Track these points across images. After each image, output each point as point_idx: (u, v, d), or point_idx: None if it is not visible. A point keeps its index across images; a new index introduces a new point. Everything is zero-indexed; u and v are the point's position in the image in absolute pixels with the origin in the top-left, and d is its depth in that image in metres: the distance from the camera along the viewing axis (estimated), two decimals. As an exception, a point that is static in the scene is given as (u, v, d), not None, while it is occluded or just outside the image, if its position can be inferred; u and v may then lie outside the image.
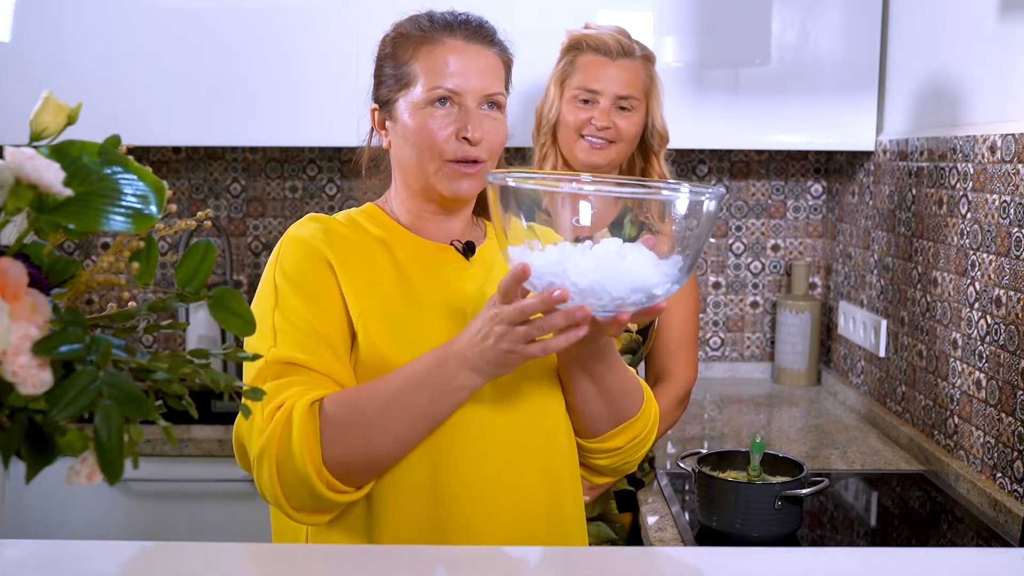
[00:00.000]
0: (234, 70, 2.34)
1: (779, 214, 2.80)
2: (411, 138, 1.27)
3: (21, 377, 0.65)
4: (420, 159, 1.27)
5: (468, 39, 1.28)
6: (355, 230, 1.31)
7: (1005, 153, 1.73)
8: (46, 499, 2.21)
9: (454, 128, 1.25)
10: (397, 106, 1.29)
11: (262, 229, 2.80)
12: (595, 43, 1.86)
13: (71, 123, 0.78)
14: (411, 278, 1.28)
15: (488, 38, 1.30)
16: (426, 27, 1.29)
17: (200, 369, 0.74)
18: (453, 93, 1.25)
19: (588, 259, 1.04)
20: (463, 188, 1.27)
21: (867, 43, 2.34)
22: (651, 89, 1.90)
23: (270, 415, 1.13)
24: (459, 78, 1.25)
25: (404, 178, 1.32)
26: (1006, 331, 1.73)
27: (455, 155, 1.25)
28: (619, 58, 1.85)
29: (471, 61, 1.27)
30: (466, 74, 1.26)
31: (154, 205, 0.71)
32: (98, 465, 0.67)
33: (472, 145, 1.25)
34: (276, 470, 1.12)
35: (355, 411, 1.15)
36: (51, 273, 0.74)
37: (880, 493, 1.96)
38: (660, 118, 1.92)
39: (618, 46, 1.85)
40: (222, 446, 2.20)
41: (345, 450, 1.14)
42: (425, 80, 1.26)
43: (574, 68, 1.87)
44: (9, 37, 2.33)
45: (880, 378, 2.34)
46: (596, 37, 1.86)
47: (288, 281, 1.23)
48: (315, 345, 1.19)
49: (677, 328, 1.95)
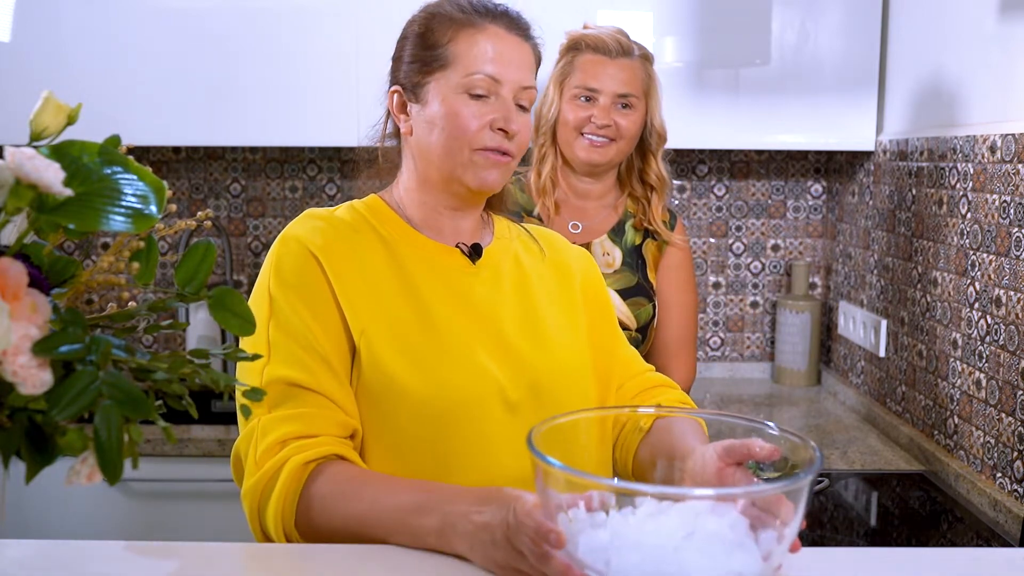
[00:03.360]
0: (234, 70, 2.34)
1: (779, 214, 2.80)
2: (441, 123, 1.20)
3: (21, 377, 0.65)
4: (449, 146, 1.21)
5: (509, 28, 1.23)
6: (356, 228, 1.24)
7: (1005, 153, 1.73)
8: (46, 499, 2.21)
9: (490, 118, 1.20)
10: (427, 90, 1.22)
11: (262, 229, 2.80)
12: (594, 43, 1.87)
13: (71, 123, 0.78)
14: (416, 286, 1.21)
15: (526, 31, 1.26)
16: (467, 9, 1.23)
17: (200, 369, 0.74)
18: (493, 81, 1.20)
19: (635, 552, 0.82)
20: (492, 178, 1.22)
21: (867, 43, 2.34)
22: (650, 88, 1.90)
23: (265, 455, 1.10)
24: (500, 65, 1.20)
25: (424, 167, 1.25)
26: (1006, 331, 1.73)
27: (487, 144, 1.20)
28: (618, 57, 1.86)
29: (512, 51, 1.22)
30: (507, 63, 1.21)
31: (154, 205, 0.71)
32: (98, 465, 0.67)
33: (507, 137, 1.21)
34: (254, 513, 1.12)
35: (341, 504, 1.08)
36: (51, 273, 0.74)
37: (880, 493, 1.96)
38: (659, 117, 1.92)
39: (617, 45, 1.86)
40: (222, 446, 2.20)
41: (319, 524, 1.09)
42: (464, 64, 1.20)
43: (573, 68, 1.88)
44: (9, 37, 2.33)
45: (880, 378, 2.34)
46: (595, 37, 1.87)
47: (284, 289, 1.16)
48: (313, 364, 1.13)
49: (676, 327, 1.95)
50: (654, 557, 0.80)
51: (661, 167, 1.94)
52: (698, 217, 2.79)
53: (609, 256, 1.87)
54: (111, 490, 2.19)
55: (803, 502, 0.83)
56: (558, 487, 0.85)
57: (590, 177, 1.92)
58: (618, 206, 1.95)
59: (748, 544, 0.82)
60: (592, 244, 1.87)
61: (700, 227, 2.80)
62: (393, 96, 1.28)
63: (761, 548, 0.82)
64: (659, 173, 1.94)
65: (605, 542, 0.83)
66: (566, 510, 0.86)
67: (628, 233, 1.91)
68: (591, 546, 0.83)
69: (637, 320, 1.82)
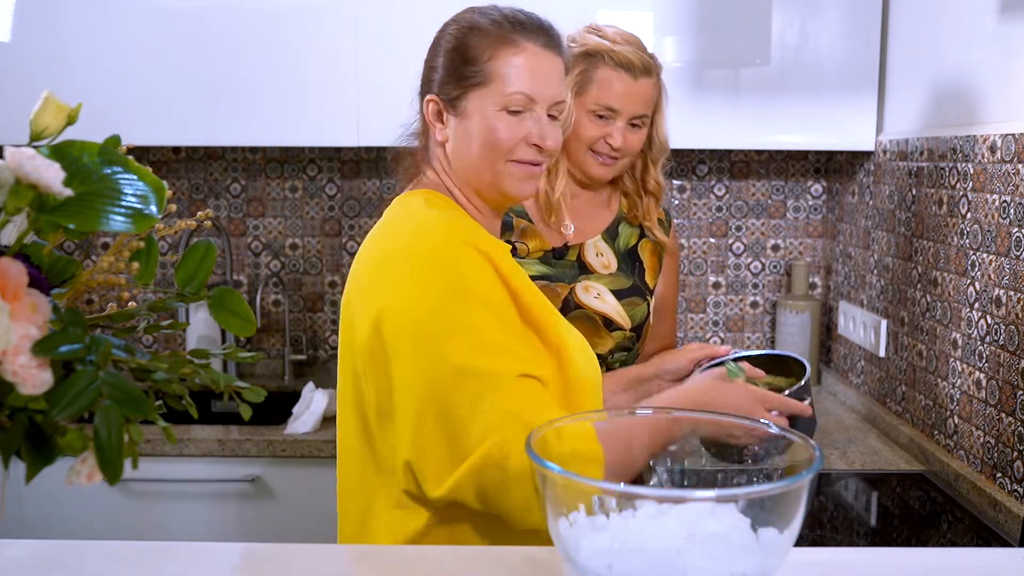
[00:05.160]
0: (234, 70, 2.34)
1: (779, 214, 2.80)
2: (480, 137, 1.28)
3: (21, 377, 0.65)
4: (486, 159, 1.28)
5: (546, 45, 1.30)
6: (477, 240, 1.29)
7: (1005, 153, 1.73)
8: (46, 499, 2.21)
9: (525, 133, 1.27)
10: (466, 103, 1.29)
11: (262, 229, 2.80)
12: (619, 59, 1.76)
13: (71, 123, 0.78)
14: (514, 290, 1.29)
15: (559, 45, 1.32)
16: (506, 28, 1.29)
17: (200, 369, 0.74)
18: (530, 99, 1.27)
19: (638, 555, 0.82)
20: (527, 188, 1.31)
21: (867, 43, 2.34)
22: (659, 103, 1.85)
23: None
24: (536, 84, 1.27)
25: (464, 174, 1.33)
26: (1006, 331, 1.73)
27: (522, 157, 1.28)
28: (641, 77, 1.77)
29: (547, 68, 1.29)
30: (545, 81, 1.28)
31: (154, 205, 0.71)
32: (98, 465, 0.67)
33: (541, 151, 1.28)
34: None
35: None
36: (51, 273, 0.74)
37: (880, 493, 1.96)
38: (663, 130, 1.87)
39: (641, 64, 1.76)
40: (222, 446, 2.20)
41: None
42: (503, 82, 1.27)
43: (592, 81, 1.77)
44: (9, 37, 2.34)
45: (880, 378, 2.34)
46: (621, 54, 1.76)
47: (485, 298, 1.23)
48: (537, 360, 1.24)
49: (673, 323, 1.96)
50: (657, 560, 0.79)
51: (660, 177, 1.92)
52: (698, 217, 2.79)
53: (603, 257, 1.85)
54: (111, 490, 2.19)
55: (803, 502, 0.83)
56: (557, 491, 0.85)
57: (589, 191, 1.90)
58: (611, 203, 1.93)
59: (750, 544, 0.82)
60: (586, 245, 1.84)
61: (700, 227, 2.80)
62: (429, 105, 1.33)
63: (763, 548, 0.82)
64: (658, 180, 1.91)
65: (607, 546, 0.82)
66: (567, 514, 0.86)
67: (623, 235, 1.90)
68: (593, 550, 0.82)
69: (632, 320, 1.81)
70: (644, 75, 1.77)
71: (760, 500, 0.84)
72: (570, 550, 0.84)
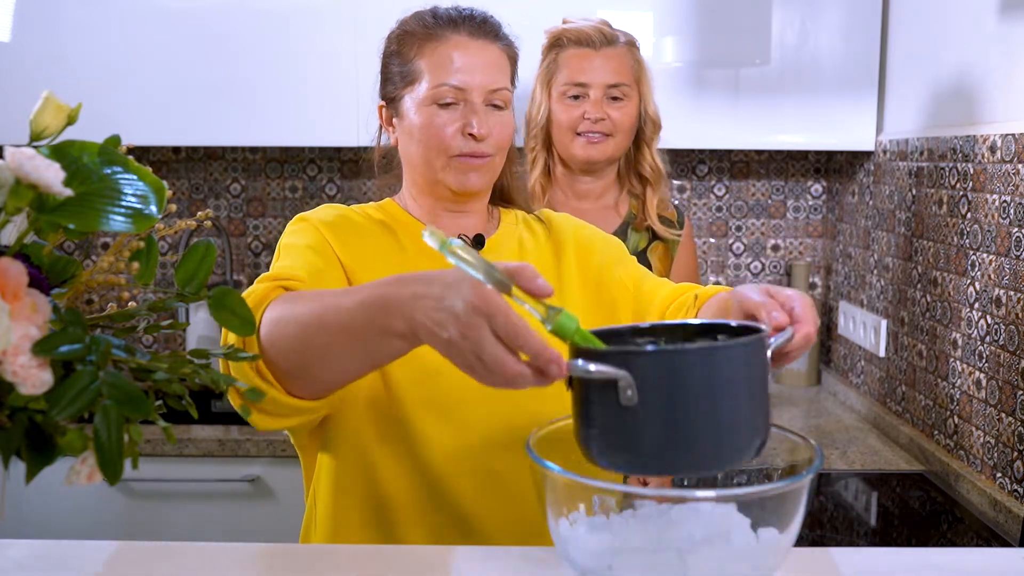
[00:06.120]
0: (234, 70, 2.34)
1: (779, 214, 2.80)
2: (417, 135, 1.27)
3: (21, 377, 0.65)
4: (427, 156, 1.27)
5: (473, 34, 1.27)
6: (369, 216, 1.32)
7: (1005, 153, 1.73)
8: (46, 499, 2.21)
9: (459, 124, 1.25)
10: (403, 103, 1.29)
11: (262, 229, 2.80)
12: (576, 36, 1.81)
13: (71, 123, 0.78)
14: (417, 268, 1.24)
15: (493, 32, 1.30)
16: (430, 23, 1.28)
17: (200, 369, 0.74)
18: (458, 90, 1.25)
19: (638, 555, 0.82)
20: (471, 181, 1.27)
21: (867, 43, 2.34)
22: (640, 75, 1.86)
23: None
24: (464, 74, 1.25)
25: (412, 175, 1.33)
26: (1006, 331, 1.73)
27: (461, 151, 1.26)
28: (603, 47, 1.81)
29: (476, 57, 1.26)
30: (471, 70, 1.25)
31: (154, 205, 0.71)
32: (98, 465, 0.67)
33: (478, 141, 1.25)
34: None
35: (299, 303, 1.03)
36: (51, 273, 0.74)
37: (880, 493, 1.96)
38: (652, 105, 1.88)
39: (600, 36, 1.81)
40: (222, 446, 2.20)
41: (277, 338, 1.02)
42: (430, 77, 1.26)
43: (558, 65, 1.83)
44: (9, 37, 2.33)
45: (880, 378, 2.34)
46: (577, 30, 1.82)
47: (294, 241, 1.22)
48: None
49: None
50: (657, 560, 0.80)
51: (656, 158, 1.91)
52: (698, 217, 2.79)
53: None
54: (111, 490, 2.19)
55: (803, 502, 0.83)
56: (558, 491, 0.85)
57: (589, 176, 1.90)
58: (619, 207, 1.94)
59: (750, 544, 0.82)
60: None
61: (700, 227, 2.80)
62: (381, 111, 1.36)
63: (763, 548, 0.82)
64: (653, 164, 1.90)
65: (607, 546, 0.82)
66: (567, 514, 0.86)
67: (631, 239, 1.90)
68: (593, 550, 0.83)
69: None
70: (606, 45, 1.82)
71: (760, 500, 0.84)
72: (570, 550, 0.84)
